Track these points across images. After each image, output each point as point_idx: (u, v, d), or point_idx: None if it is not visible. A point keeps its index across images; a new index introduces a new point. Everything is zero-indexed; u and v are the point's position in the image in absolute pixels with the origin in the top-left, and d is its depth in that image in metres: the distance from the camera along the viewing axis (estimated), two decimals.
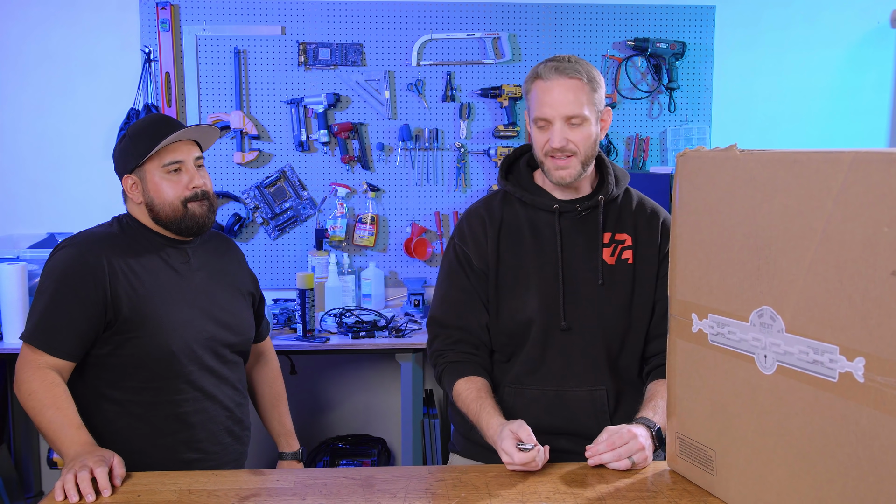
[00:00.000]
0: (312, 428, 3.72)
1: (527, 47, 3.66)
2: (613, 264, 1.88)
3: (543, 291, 1.86)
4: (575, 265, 1.87)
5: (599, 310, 1.86)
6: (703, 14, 3.70)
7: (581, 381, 1.86)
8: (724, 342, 1.42)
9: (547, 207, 1.88)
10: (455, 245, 1.95)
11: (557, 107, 1.79)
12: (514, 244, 1.89)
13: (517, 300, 1.87)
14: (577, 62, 1.82)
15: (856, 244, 1.15)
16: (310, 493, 1.54)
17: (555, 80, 1.80)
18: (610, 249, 1.88)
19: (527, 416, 1.85)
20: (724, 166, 1.41)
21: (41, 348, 1.81)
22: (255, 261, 3.63)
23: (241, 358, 2.08)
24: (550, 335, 1.86)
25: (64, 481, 1.52)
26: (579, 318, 1.86)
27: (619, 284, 1.87)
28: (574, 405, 1.86)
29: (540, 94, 1.81)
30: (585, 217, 1.89)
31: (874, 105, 3.86)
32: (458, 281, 1.92)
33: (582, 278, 1.87)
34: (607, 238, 1.89)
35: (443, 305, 1.94)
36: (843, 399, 1.18)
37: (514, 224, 1.90)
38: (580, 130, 1.81)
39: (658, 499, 1.51)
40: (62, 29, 3.51)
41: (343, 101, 3.60)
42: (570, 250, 1.87)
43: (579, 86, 1.79)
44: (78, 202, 3.53)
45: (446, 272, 1.95)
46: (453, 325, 1.91)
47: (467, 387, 1.84)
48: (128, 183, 1.97)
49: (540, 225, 1.89)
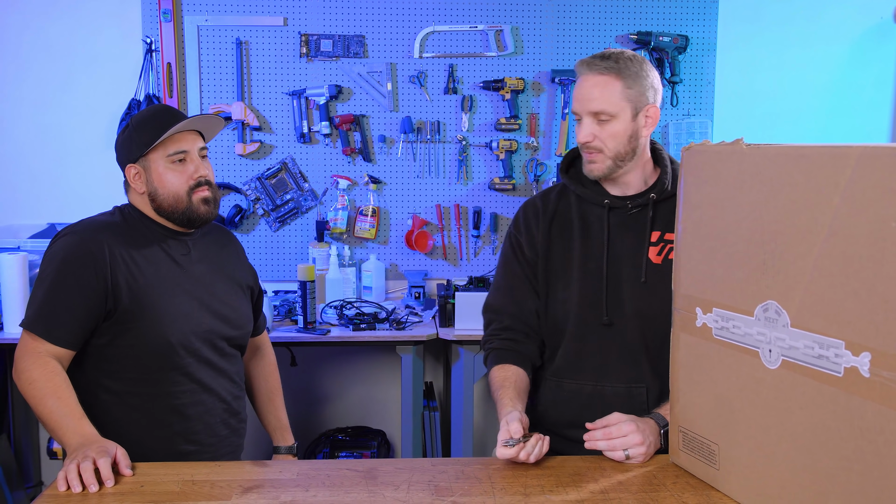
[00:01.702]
0: (312, 419, 3.72)
1: (529, 40, 3.65)
2: (659, 263, 1.86)
3: (586, 285, 1.88)
4: (620, 262, 1.88)
5: (640, 308, 1.86)
6: (706, 8, 3.70)
7: (619, 377, 1.88)
8: (729, 336, 1.42)
9: (598, 202, 1.90)
10: (511, 234, 2.00)
11: (585, 102, 1.82)
12: (563, 236, 1.92)
13: (560, 292, 1.90)
14: (616, 58, 1.81)
15: (862, 239, 1.14)
16: (313, 484, 1.54)
17: (585, 76, 1.83)
18: (657, 248, 1.87)
19: (565, 410, 1.90)
20: (730, 160, 1.41)
21: (41, 336, 1.81)
22: (256, 252, 3.63)
23: (238, 351, 2.07)
24: (590, 330, 1.87)
25: (67, 472, 1.52)
26: (621, 315, 1.86)
27: (662, 284, 1.83)
28: (612, 401, 1.86)
29: (575, 89, 1.85)
30: (636, 214, 1.89)
31: (876, 101, 3.85)
32: (510, 268, 1.97)
33: (625, 275, 1.87)
34: (655, 237, 1.88)
35: (496, 292, 2.00)
36: (849, 394, 1.18)
37: (566, 216, 1.94)
38: (607, 127, 1.81)
39: (661, 492, 1.51)
40: (63, 19, 3.50)
41: (345, 93, 3.60)
42: (616, 246, 1.88)
43: (608, 81, 1.80)
44: (78, 193, 3.52)
45: (501, 261, 2.02)
46: (505, 311, 1.95)
47: (498, 374, 1.88)
48: (131, 172, 1.96)
49: (591, 219, 1.91)
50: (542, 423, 1.92)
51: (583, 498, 1.48)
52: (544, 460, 1.66)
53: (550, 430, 1.89)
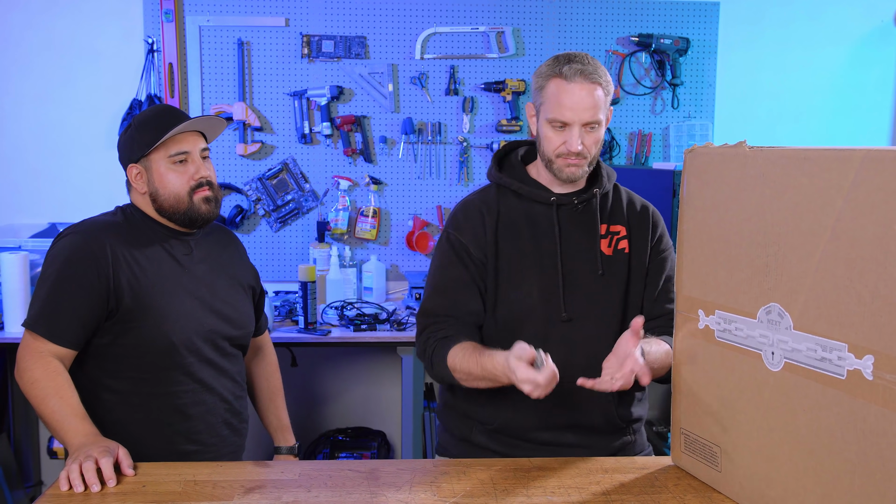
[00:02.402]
0: (312, 420, 3.72)
1: (531, 42, 3.65)
2: (611, 255, 1.89)
3: (543, 283, 1.85)
4: (574, 257, 1.87)
5: (600, 300, 1.87)
6: (707, 10, 3.70)
7: (584, 372, 1.83)
8: (731, 339, 1.42)
9: (544, 200, 1.88)
10: (450, 235, 1.90)
11: (580, 112, 1.77)
12: (512, 236, 1.88)
13: (515, 291, 1.86)
14: (595, 64, 1.80)
15: (866, 242, 1.15)
16: (315, 484, 1.55)
17: (578, 84, 1.76)
18: (607, 240, 1.89)
19: (533, 414, 1.86)
20: (733, 163, 1.41)
21: (43, 335, 1.81)
22: (257, 253, 3.63)
23: (240, 351, 2.07)
24: (551, 327, 1.85)
25: (69, 471, 1.52)
26: (580, 309, 1.86)
27: (617, 275, 1.89)
28: (579, 398, 1.85)
29: (560, 95, 1.77)
30: (582, 210, 1.89)
31: (877, 103, 3.86)
32: (453, 271, 1.87)
33: (581, 269, 1.87)
34: (603, 230, 1.90)
35: (435, 296, 1.88)
36: (851, 396, 1.18)
37: (512, 216, 1.89)
38: (594, 134, 1.81)
39: (663, 494, 1.51)
40: (65, 18, 3.50)
41: (346, 94, 3.60)
42: (568, 242, 1.87)
43: (596, 89, 1.78)
44: (80, 192, 3.52)
45: (440, 263, 1.91)
46: (445, 314, 1.86)
47: (459, 351, 1.76)
48: (132, 172, 1.96)
49: (537, 218, 1.89)
50: (507, 430, 1.85)
51: (585, 500, 1.48)
52: (546, 462, 1.66)
53: (518, 437, 1.86)
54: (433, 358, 1.83)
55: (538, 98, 1.84)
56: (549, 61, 1.83)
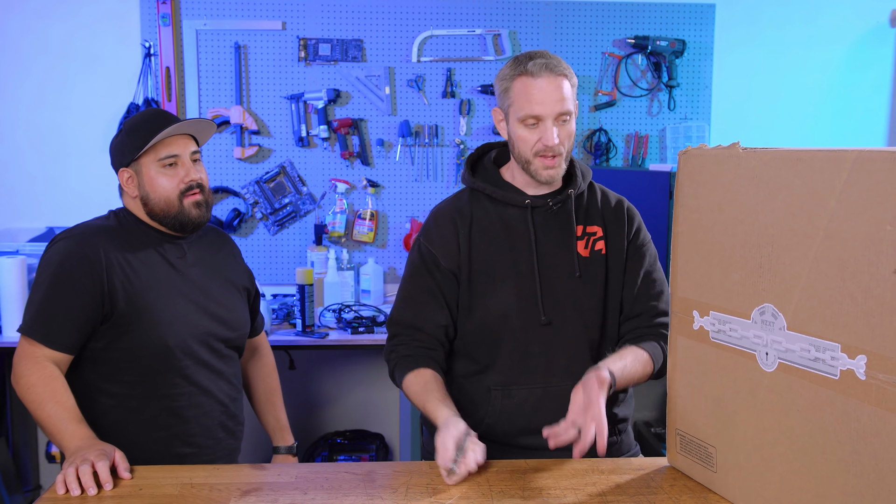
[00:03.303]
0: (311, 423, 3.72)
1: (527, 44, 3.66)
2: (588, 256, 1.87)
3: (520, 287, 1.84)
4: (550, 259, 1.86)
5: (578, 302, 1.86)
6: (703, 12, 3.71)
7: (566, 374, 1.84)
8: (726, 339, 1.43)
9: (518, 203, 1.86)
10: (420, 245, 1.90)
11: (550, 104, 1.75)
12: (486, 242, 1.87)
13: (492, 297, 1.85)
14: (558, 59, 1.79)
15: (858, 242, 1.15)
16: (311, 487, 1.55)
17: (546, 77, 1.75)
18: (583, 242, 1.88)
19: (517, 418, 1.86)
20: (727, 164, 1.41)
21: (39, 341, 1.81)
22: (255, 256, 3.63)
23: (236, 353, 2.08)
24: (531, 331, 1.84)
25: (65, 475, 1.52)
26: (559, 312, 1.85)
27: (595, 276, 1.87)
28: (562, 400, 1.84)
29: (529, 92, 1.76)
30: (557, 211, 1.88)
31: (872, 104, 3.87)
32: (421, 282, 1.88)
33: (559, 272, 1.86)
34: (579, 231, 1.88)
35: (403, 306, 1.91)
36: (845, 396, 1.18)
37: (486, 221, 1.88)
38: (566, 127, 1.79)
39: (658, 495, 1.51)
40: (62, 22, 3.51)
41: (343, 97, 3.60)
42: (544, 245, 1.86)
43: (566, 82, 1.77)
44: (77, 196, 3.53)
45: (410, 272, 1.92)
46: (411, 326, 1.88)
47: (414, 380, 1.80)
48: (124, 177, 1.97)
49: (512, 221, 1.87)
50: (490, 436, 1.83)
51: (580, 501, 1.49)
52: (542, 463, 1.66)
53: (501, 442, 1.85)
54: (394, 373, 1.89)
55: (505, 101, 1.82)
56: (510, 63, 1.81)
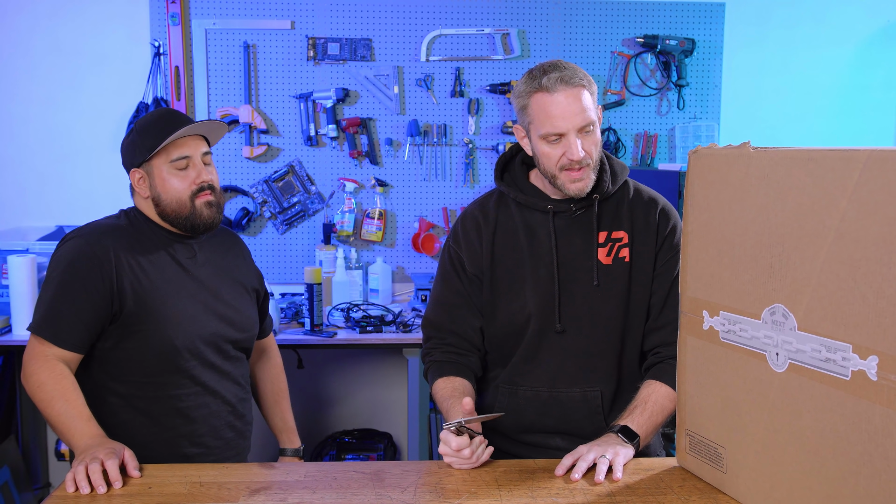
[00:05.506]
0: (319, 422, 3.73)
1: (536, 43, 3.66)
2: (610, 264, 1.83)
3: (539, 293, 1.84)
4: (570, 266, 1.84)
5: (595, 311, 1.83)
6: (712, 11, 3.70)
7: (573, 381, 1.85)
8: (736, 340, 1.42)
9: (541, 208, 1.85)
10: (450, 247, 1.93)
11: (571, 118, 1.72)
12: (509, 246, 1.87)
13: (513, 303, 1.85)
14: (573, 68, 1.75)
15: (870, 242, 1.14)
16: (320, 486, 1.55)
17: (562, 92, 1.71)
18: (606, 249, 1.84)
19: (521, 416, 1.87)
20: (737, 164, 1.41)
21: (49, 339, 1.82)
22: (263, 255, 3.63)
23: (244, 354, 2.08)
24: (544, 338, 1.85)
25: (75, 473, 1.52)
26: (574, 320, 1.84)
27: (615, 284, 1.83)
28: (568, 405, 1.85)
29: (548, 108, 1.72)
30: (581, 216, 1.85)
31: (882, 103, 3.85)
32: (452, 284, 1.91)
33: (578, 279, 1.83)
34: (603, 237, 1.84)
35: (436, 308, 1.93)
36: (856, 397, 1.18)
37: (509, 226, 1.88)
38: (591, 137, 1.75)
39: (668, 495, 1.51)
40: (71, 21, 3.52)
41: (352, 96, 3.60)
42: (565, 251, 1.84)
43: (582, 91, 1.73)
44: (86, 195, 3.54)
45: (441, 274, 1.95)
46: (446, 329, 1.90)
47: (444, 385, 1.83)
48: (135, 177, 1.97)
49: (535, 226, 1.86)
50: (497, 429, 1.85)
51: (590, 501, 1.48)
52: (551, 463, 1.65)
53: (506, 436, 1.87)
54: (427, 375, 1.93)
55: (524, 118, 1.79)
56: (525, 78, 1.77)
